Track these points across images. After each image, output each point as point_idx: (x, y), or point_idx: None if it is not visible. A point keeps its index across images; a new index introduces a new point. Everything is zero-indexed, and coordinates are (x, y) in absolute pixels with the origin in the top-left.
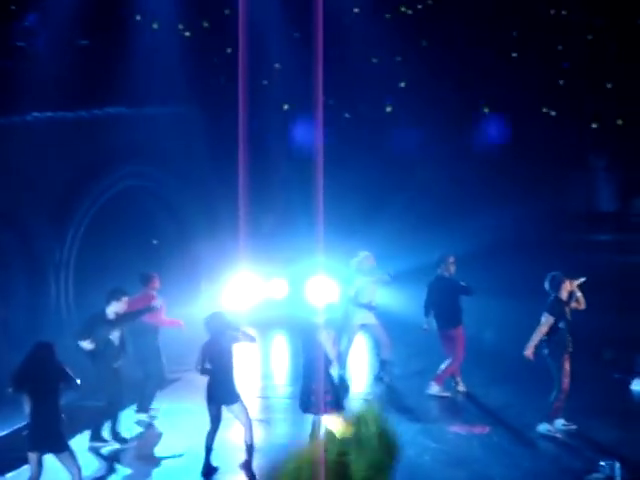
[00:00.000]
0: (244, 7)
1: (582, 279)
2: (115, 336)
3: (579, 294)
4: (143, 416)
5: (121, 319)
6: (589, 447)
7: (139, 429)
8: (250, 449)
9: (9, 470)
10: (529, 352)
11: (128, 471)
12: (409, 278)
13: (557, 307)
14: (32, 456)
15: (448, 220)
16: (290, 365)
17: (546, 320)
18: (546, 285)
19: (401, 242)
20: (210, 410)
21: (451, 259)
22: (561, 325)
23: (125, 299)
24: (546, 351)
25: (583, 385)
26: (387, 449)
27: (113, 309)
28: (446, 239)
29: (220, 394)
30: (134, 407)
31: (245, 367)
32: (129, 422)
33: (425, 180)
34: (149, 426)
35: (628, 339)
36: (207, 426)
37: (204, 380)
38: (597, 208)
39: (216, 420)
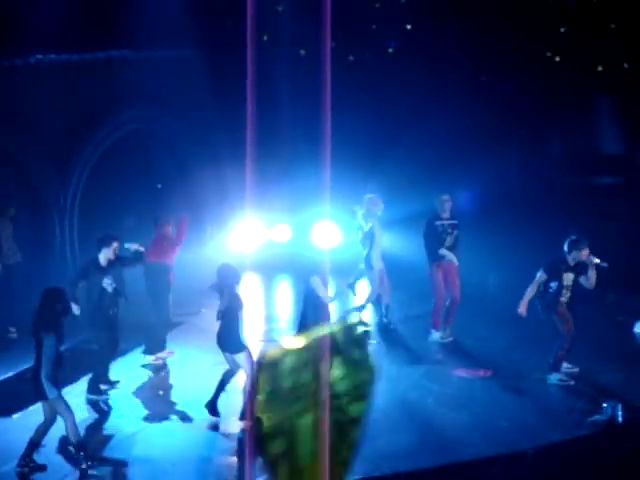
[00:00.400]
0: None
1: (603, 264)
2: (107, 283)
3: (593, 272)
4: (150, 359)
5: (112, 265)
6: (592, 389)
7: (147, 372)
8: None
9: (16, 411)
10: (522, 309)
11: (144, 412)
12: (409, 223)
13: (555, 266)
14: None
15: (453, 165)
16: (293, 308)
17: (539, 277)
18: (565, 244)
19: (404, 188)
20: (225, 356)
21: (445, 197)
22: (552, 285)
23: (115, 245)
24: (539, 307)
25: (586, 328)
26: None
27: (104, 255)
28: (451, 184)
29: (226, 343)
30: (139, 350)
31: (249, 311)
32: (136, 365)
33: (429, 125)
34: (156, 369)
35: (633, 281)
36: (223, 368)
37: (208, 324)
38: (603, 151)
39: (233, 365)
